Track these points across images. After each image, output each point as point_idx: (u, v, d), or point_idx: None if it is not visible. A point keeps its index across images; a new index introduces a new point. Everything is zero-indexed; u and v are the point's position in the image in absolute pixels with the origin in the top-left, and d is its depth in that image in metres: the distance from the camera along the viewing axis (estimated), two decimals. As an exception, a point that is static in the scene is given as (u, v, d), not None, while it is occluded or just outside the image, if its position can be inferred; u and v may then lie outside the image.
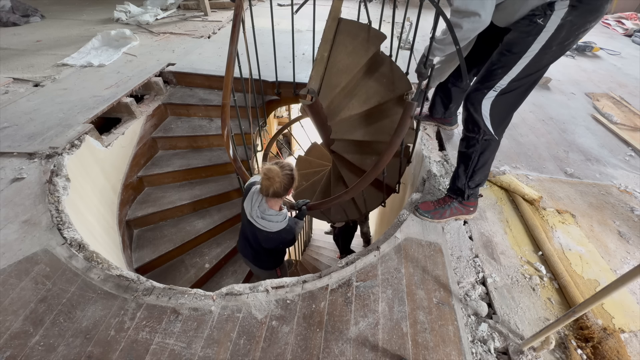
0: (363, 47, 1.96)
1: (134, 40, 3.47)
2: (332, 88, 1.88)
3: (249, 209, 1.62)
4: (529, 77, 1.27)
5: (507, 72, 1.26)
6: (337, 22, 2.01)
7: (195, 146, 2.94)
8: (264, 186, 1.49)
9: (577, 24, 1.12)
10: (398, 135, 1.44)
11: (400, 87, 2.02)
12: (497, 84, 1.29)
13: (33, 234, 1.49)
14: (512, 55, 1.23)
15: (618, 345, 1.14)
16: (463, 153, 1.54)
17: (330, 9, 2.00)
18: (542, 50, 1.18)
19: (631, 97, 3.02)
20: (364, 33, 1.99)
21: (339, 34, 2.00)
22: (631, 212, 1.77)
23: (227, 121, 1.85)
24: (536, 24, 1.15)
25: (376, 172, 1.58)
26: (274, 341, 1.18)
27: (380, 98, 2.01)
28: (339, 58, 1.94)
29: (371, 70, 2.10)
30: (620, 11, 5.30)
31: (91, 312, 1.24)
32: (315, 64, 1.88)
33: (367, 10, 1.97)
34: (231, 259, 2.70)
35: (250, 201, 1.61)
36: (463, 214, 1.65)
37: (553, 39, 1.15)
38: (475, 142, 1.45)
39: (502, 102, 1.33)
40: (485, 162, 1.50)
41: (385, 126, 2.05)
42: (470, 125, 1.44)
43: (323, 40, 1.94)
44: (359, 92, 2.05)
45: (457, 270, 1.44)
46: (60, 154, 1.90)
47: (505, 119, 1.41)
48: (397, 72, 2.07)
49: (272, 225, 1.58)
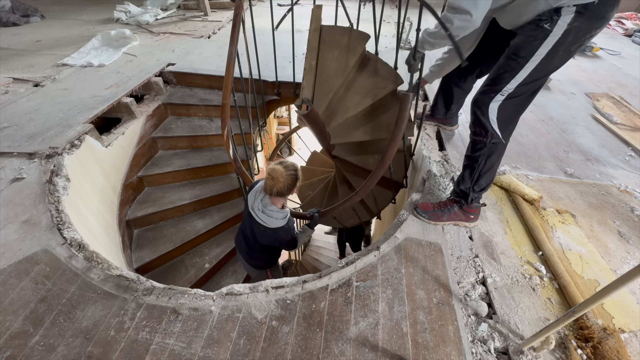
0: (349, 50, 1.99)
1: (134, 40, 3.47)
2: (325, 94, 1.90)
3: (251, 200, 1.62)
4: (535, 82, 1.28)
5: (514, 76, 1.26)
6: (320, 30, 2.03)
7: (195, 146, 2.94)
8: (267, 185, 1.50)
9: (583, 30, 1.13)
10: (399, 128, 1.44)
11: (391, 83, 2.03)
12: (505, 88, 1.29)
13: (33, 234, 1.49)
14: (519, 59, 1.23)
15: (618, 345, 1.14)
16: (470, 156, 1.53)
17: (311, 18, 2.04)
18: (549, 54, 1.19)
19: (631, 97, 3.02)
20: (347, 36, 2.02)
21: (323, 41, 2.04)
22: (631, 212, 1.77)
23: (227, 121, 1.85)
24: (543, 28, 1.15)
25: (383, 168, 1.57)
26: (274, 341, 1.18)
27: (373, 96, 2.02)
28: (327, 64, 1.97)
29: (360, 70, 2.12)
30: (620, 11, 5.29)
31: (91, 312, 1.24)
32: (305, 73, 1.91)
33: (346, 12, 1.99)
34: (231, 259, 2.69)
35: (254, 194, 1.62)
36: (462, 220, 1.62)
37: (560, 43, 1.16)
38: (482, 146, 1.44)
39: (509, 106, 1.34)
40: (492, 166, 1.49)
41: (383, 122, 2.06)
42: (477, 128, 1.44)
43: (309, 50, 1.98)
44: (352, 94, 2.07)
45: (457, 270, 1.44)
46: (60, 154, 1.90)
47: (512, 122, 1.41)
48: (386, 68, 2.07)
49: (271, 221, 1.59)
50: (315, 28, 2.02)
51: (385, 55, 2.19)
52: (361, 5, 2.09)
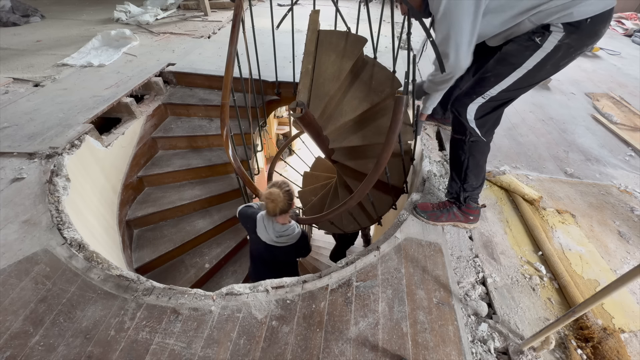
0: (345, 54, 1.99)
1: (134, 40, 3.47)
2: (321, 98, 1.89)
3: (265, 235, 1.69)
4: (518, 90, 1.28)
5: (499, 81, 1.26)
6: (317, 34, 2.04)
7: (195, 146, 2.94)
8: (270, 208, 1.60)
9: (574, 47, 1.14)
10: (393, 131, 1.42)
11: (389, 87, 2.02)
12: (488, 92, 1.29)
13: (33, 234, 1.49)
14: (508, 65, 1.23)
15: (618, 345, 1.14)
16: (453, 156, 1.54)
17: (308, 23, 2.04)
18: (536, 67, 1.19)
19: (631, 97, 3.02)
20: (344, 40, 2.02)
21: (320, 45, 2.04)
22: (631, 212, 1.77)
23: (227, 121, 1.85)
24: (533, 41, 1.15)
25: (378, 172, 1.56)
26: (274, 341, 1.18)
27: (371, 100, 2.01)
28: (323, 68, 1.97)
29: (358, 74, 2.12)
30: (620, 11, 5.29)
31: (91, 312, 1.24)
32: (301, 77, 1.92)
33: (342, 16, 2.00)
34: (231, 259, 2.70)
35: (264, 228, 1.69)
36: (462, 221, 1.62)
37: (548, 58, 1.16)
38: (462, 144, 1.45)
39: (489, 107, 1.34)
40: (477, 164, 1.48)
41: (382, 126, 2.05)
42: (456, 127, 1.45)
43: (305, 54, 1.98)
44: (349, 98, 2.06)
45: (457, 270, 1.44)
46: (60, 154, 1.90)
47: (490, 121, 1.40)
48: (384, 72, 2.07)
49: (290, 239, 1.70)
50: (312, 32, 2.02)
51: (385, 55, 2.20)
52: (361, 6, 2.09)
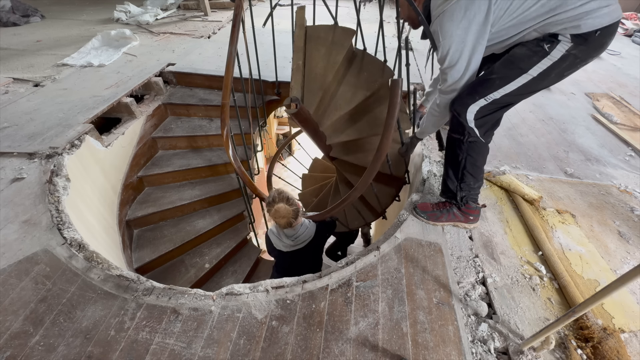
0: (335, 47, 1.99)
1: (134, 40, 3.47)
2: (314, 93, 1.89)
3: (282, 246, 1.71)
4: (521, 95, 1.28)
5: (504, 84, 1.25)
6: (305, 30, 2.04)
7: (195, 146, 2.94)
8: (282, 224, 1.62)
9: (580, 57, 1.14)
10: (391, 116, 1.41)
11: (381, 76, 2.02)
12: (491, 94, 1.27)
13: (33, 234, 1.49)
14: (515, 69, 1.22)
15: (618, 345, 1.14)
16: (450, 155, 1.52)
17: (295, 19, 2.05)
18: (541, 75, 1.18)
19: (631, 97, 3.02)
20: (332, 33, 2.02)
21: (309, 41, 2.04)
22: (631, 212, 1.77)
23: (227, 121, 1.85)
24: (542, 48, 1.15)
25: (379, 160, 1.54)
26: (274, 341, 1.18)
27: (365, 91, 2.00)
28: (314, 63, 1.97)
29: (349, 66, 2.11)
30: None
31: (91, 312, 1.24)
32: (293, 73, 1.91)
33: (329, 8, 1.99)
34: (231, 259, 2.70)
35: (278, 240, 1.71)
36: (462, 221, 1.61)
37: (554, 67, 1.16)
38: (460, 143, 1.43)
39: (489, 109, 1.33)
40: (474, 165, 1.46)
41: (378, 117, 2.04)
42: (454, 126, 1.43)
43: (295, 50, 1.99)
44: (343, 91, 2.05)
45: (457, 270, 1.44)
46: (60, 154, 1.90)
47: (490, 122, 1.39)
48: (375, 63, 2.06)
49: (306, 235, 1.71)
50: (299, 28, 2.03)
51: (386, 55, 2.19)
52: (361, 6, 2.09)
